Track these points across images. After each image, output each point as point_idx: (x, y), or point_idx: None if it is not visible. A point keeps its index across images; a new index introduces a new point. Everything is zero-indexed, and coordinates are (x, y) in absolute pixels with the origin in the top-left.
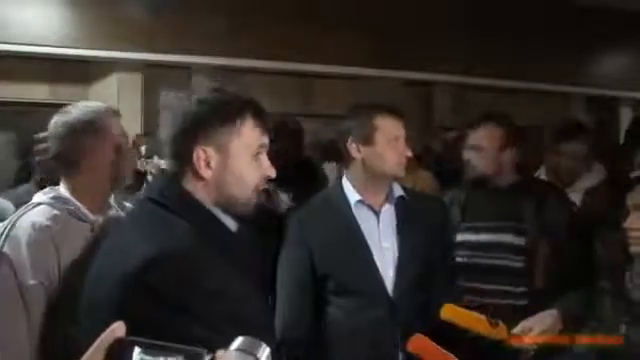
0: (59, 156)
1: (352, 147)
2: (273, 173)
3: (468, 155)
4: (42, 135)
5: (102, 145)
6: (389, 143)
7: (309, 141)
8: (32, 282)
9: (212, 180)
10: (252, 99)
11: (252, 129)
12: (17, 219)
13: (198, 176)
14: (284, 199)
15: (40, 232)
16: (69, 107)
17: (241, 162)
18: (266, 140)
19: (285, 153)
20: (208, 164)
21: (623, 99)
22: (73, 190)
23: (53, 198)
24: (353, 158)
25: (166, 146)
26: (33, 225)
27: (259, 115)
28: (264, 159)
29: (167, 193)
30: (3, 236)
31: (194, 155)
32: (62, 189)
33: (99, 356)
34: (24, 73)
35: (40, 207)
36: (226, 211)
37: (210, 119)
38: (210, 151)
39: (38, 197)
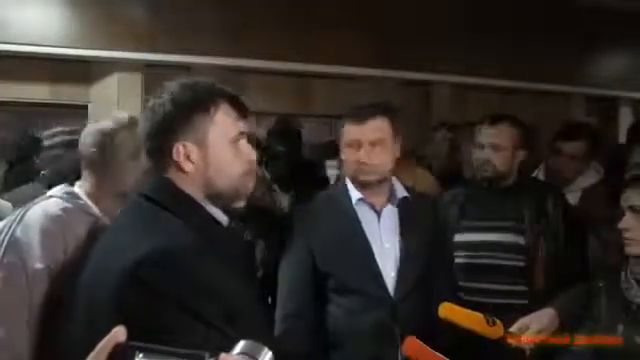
0: (88, 157)
1: (340, 149)
2: (254, 157)
3: (485, 154)
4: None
5: (128, 154)
6: (345, 148)
7: (309, 141)
8: (40, 266)
9: (195, 173)
10: (224, 87)
11: (226, 115)
12: (30, 207)
13: (181, 170)
14: (284, 200)
15: (52, 221)
16: (113, 117)
17: (220, 151)
18: (243, 126)
19: (285, 154)
20: (188, 157)
21: (623, 99)
22: (89, 190)
23: (65, 193)
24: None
25: (145, 144)
26: (46, 214)
27: (233, 101)
28: (244, 145)
29: (159, 190)
30: (16, 222)
31: (174, 151)
32: (76, 187)
33: None
34: (24, 73)
35: (52, 199)
36: (218, 205)
37: (185, 113)
38: (189, 145)
39: (52, 191)
